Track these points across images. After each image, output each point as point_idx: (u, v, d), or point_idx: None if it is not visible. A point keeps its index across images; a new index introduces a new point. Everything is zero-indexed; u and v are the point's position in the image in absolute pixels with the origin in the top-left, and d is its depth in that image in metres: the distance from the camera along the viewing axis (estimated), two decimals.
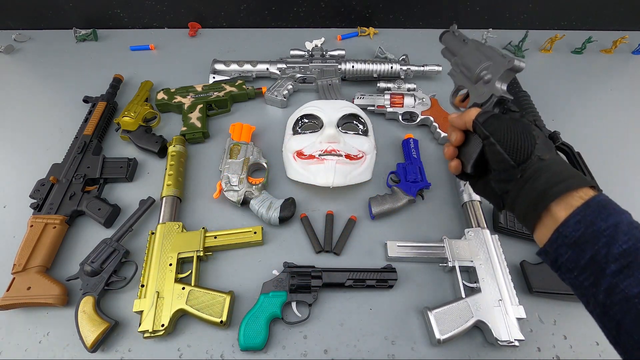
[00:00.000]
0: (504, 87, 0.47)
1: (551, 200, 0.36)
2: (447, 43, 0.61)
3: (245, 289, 0.62)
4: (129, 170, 0.75)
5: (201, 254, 0.62)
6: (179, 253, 0.62)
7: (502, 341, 0.53)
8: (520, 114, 0.45)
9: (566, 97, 0.95)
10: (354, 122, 0.80)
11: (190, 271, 0.61)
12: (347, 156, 0.71)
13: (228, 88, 0.89)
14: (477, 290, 0.58)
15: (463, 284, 0.59)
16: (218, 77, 0.93)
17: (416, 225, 0.70)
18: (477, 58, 0.52)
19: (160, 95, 0.88)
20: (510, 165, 0.40)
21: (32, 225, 0.64)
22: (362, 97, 0.88)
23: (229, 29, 1.15)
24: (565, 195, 0.35)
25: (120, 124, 0.80)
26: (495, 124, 0.43)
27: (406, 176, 0.73)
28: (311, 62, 0.95)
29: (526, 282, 0.60)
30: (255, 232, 0.65)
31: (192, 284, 0.59)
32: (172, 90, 0.89)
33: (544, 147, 0.40)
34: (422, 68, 0.95)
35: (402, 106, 0.86)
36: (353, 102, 0.86)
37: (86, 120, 0.82)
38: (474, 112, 0.46)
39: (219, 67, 0.94)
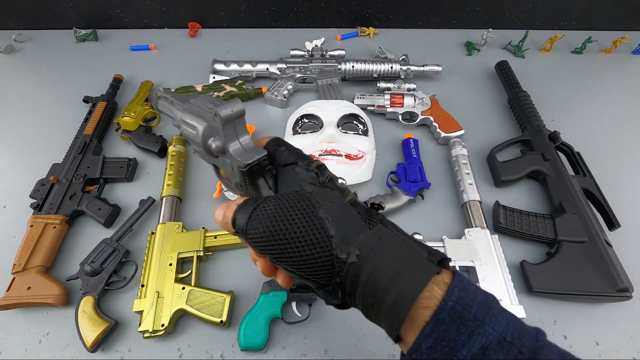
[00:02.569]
0: (247, 141, 0.32)
1: (397, 325, 0.26)
2: (164, 112, 0.43)
3: (245, 289, 0.61)
4: (129, 170, 0.75)
5: (201, 254, 0.62)
6: (179, 253, 0.62)
7: None
8: (291, 167, 0.30)
9: (566, 97, 0.95)
10: (354, 122, 0.80)
11: (190, 271, 0.61)
12: (347, 156, 0.71)
13: (228, 88, 0.89)
14: None
15: None
16: (218, 77, 0.93)
17: (416, 225, 0.70)
18: (190, 123, 0.35)
19: None
20: (317, 285, 0.29)
21: (32, 225, 0.64)
22: (362, 97, 0.88)
23: (229, 29, 1.15)
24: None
25: (120, 124, 0.80)
26: (259, 228, 0.28)
27: (406, 176, 0.73)
28: (311, 62, 0.95)
29: (526, 282, 0.60)
30: None
31: (192, 284, 0.59)
32: (172, 90, 0.89)
33: (344, 234, 0.27)
34: (422, 68, 0.95)
35: (402, 106, 0.86)
36: (353, 102, 0.86)
37: (86, 120, 0.82)
38: (229, 211, 0.31)
39: (219, 67, 0.94)
